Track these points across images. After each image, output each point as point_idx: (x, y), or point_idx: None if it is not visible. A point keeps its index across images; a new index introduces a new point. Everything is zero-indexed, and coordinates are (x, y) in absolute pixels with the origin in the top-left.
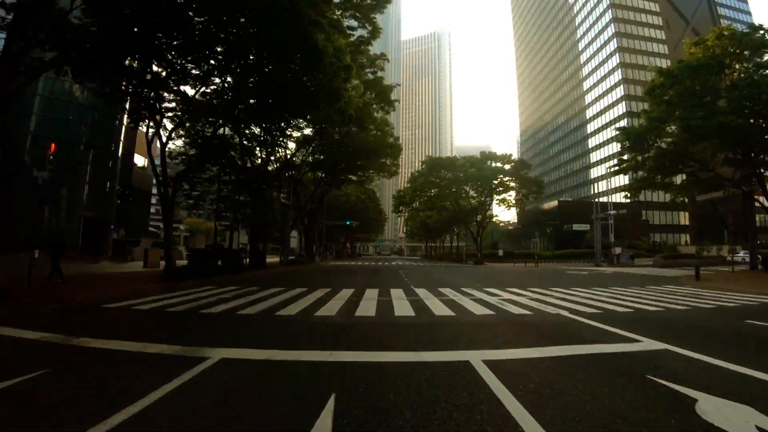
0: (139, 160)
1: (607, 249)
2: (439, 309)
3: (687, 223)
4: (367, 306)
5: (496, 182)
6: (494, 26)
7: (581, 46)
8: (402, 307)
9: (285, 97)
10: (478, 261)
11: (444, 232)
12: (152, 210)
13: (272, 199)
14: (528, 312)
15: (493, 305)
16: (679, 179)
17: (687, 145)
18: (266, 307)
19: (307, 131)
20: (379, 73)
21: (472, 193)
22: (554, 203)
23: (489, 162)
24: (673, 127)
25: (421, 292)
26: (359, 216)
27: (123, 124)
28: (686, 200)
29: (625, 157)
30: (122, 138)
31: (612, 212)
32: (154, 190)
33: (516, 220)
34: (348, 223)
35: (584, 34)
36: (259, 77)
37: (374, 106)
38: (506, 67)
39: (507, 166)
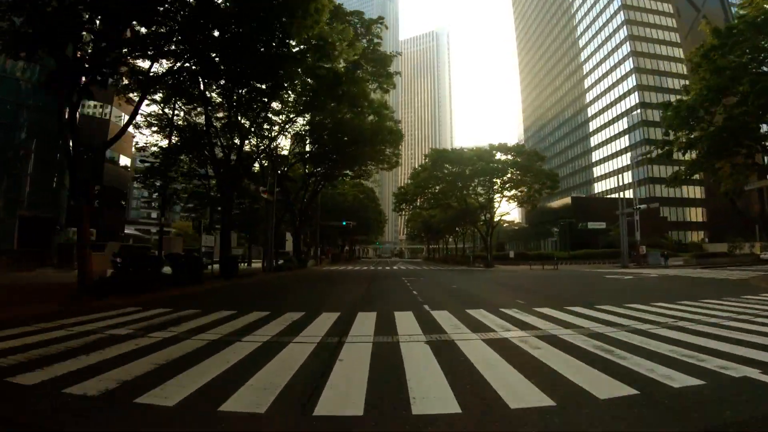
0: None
1: (632, 248)
2: (503, 377)
3: (702, 219)
4: (352, 367)
5: (506, 177)
6: (494, 24)
7: (587, 37)
8: (423, 370)
9: (246, 38)
10: (488, 264)
11: (448, 232)
12: (148, 213)
13: (252, 194)
14: (692, 379)
15: (594, 356)
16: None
17: (759, 116)
18: (149, 369)
19: (295, 117)
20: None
21: (479, 189)
22: (565, 201)
23: (498, 154)
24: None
25: (445, 320)
26: (357, 217)
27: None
28: (703, 194)
29: (678, 137)
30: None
31: (642, 206)
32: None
33: (519, 220)
34: (344, 223)
35: (591, 23)
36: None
37: (370, 84)
38: (507, 65)
39: (519, 159)
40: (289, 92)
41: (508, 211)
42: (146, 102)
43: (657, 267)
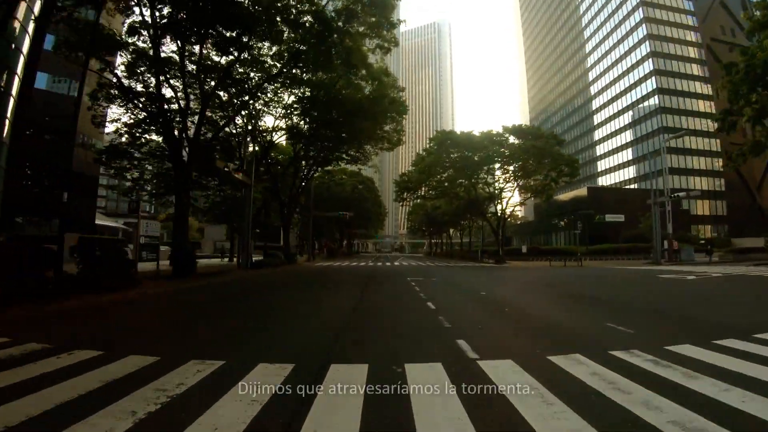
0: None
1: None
2: None
3: (720, 213)
4: None
5: (519, 163)
6: (497, 14)
7: (598, 22)
8: None
9: None
10: (499, 259)
11: (452, 225)
12: (142, 206)
13: (227, 176)
14: None
15: None
16: None
17: None
18: None
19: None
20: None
21: (489, 179)
22: (576, 193)
23: (510, 137)
24: None
25: (533, 407)
26: (356, 208)
27: (17, 74)
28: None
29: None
30: (13, 96)
31: (680, 194)
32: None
33: (523, 214)
34: (340, 214)
35: (602, 7)
36: None
37: (368, 40)
38: (510, 57)
39: (536, 142)
40: (275, 61)
41: (522, 200)
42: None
43: (691, 263)
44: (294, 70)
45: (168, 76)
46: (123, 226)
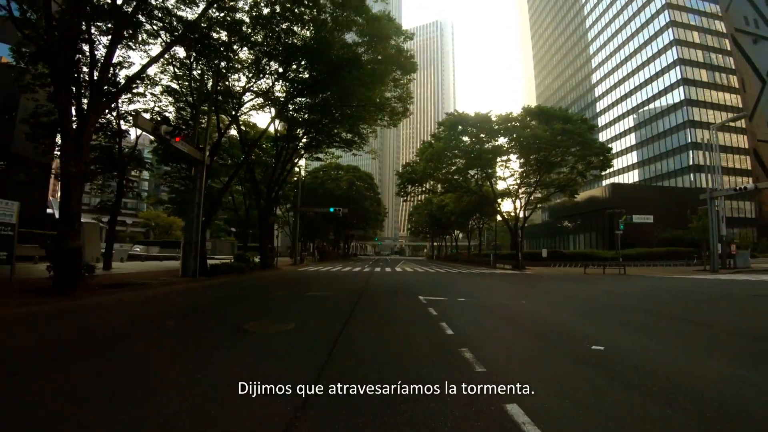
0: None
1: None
2: None
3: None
4: None
5: (542, 154)
6: (501, 11)
7: (614, 10)
8: None
9: None
10: (518, 265)
11: (458, 227)
12: (125, 203)
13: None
14: None
15: None
16: None
17: None
18: None
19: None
20: None
21: (505, 172)
22: (592, 192)
23: (532, 122)
24: None
25: None
26: (353, 206)
27: None
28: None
29: None
30: None
31: (748, 186)
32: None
33: (524, 215)
34: (332, 210)
35: None
36: None
37: None
38: (514, 50)
39: (569, 126)
40: None
41: (545, 195)
42: None
43: (750, 271)
44: None
45: None
46: (92, 220)
